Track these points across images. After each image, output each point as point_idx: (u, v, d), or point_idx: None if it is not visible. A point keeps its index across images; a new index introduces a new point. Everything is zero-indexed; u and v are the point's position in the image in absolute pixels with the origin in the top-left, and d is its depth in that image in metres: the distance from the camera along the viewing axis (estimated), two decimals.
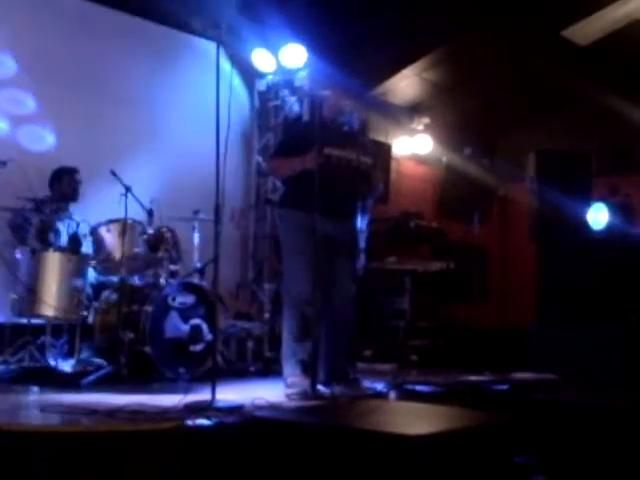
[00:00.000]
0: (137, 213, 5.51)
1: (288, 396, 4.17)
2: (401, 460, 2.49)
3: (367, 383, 4.50)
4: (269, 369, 5.84)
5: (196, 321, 5.26)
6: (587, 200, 7.74)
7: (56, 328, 5.24)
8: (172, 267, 5.55)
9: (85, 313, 5.26)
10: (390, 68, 8.21)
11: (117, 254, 5.27)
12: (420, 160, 9.56)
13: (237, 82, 7.76)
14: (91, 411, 3.25)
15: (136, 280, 5.52)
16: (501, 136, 10.32)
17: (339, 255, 4.55)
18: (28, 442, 2.66)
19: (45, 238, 5.46)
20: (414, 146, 9.29)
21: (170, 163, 6.93)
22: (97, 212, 5.69)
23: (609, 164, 9.03)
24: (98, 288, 5.54)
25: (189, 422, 2.99)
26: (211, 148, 3.75)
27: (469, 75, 8.60)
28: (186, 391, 3.56)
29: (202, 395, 3.56)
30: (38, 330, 5.17)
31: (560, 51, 7.98)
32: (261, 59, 7.59)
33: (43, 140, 6.29)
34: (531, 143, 8.68)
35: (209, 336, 5.25)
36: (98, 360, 5.10)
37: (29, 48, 6.22)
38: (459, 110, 9.32)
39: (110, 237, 5.40)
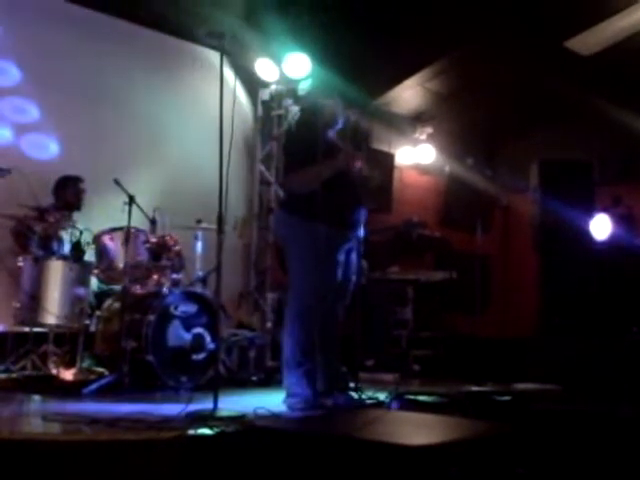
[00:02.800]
0: (140, 222, 5.52)
1: (290, 406, 4.16)
2: (403, 470, 2.49)
3: (369, 393, 4.49)
4: (271, 378, 5.83)
5: (198, 330, 5.26)
6: (590, 210, 7.74)
7: (58, 336, 5.25)
8: (175, 276, 5.56)
9: (87, 322, 5.27)
10: (393, 78, 8.23)
11: (120, 262, 5.28)
12: (423, 170, 9.58)
13: (241, 91, 7.78)
14: (93, 420, 3.25)
15: (138, 289, 5.53)
16: (504, 146, 10.34)
17: (346, 264, 4.54)
18: (30, 451, 2.66)
19: (48, 246, 5.48)
20: (417, 156, 9.30)
21: (173, 172, 6.95)
22: (100, 220, 5.70)
23: (611, 174, 9.04)
24: (101, 296, 5.56)
25: (191, 431, 2.99)
26: (214, 157, 3.76)
27: (472, 85, 8.61)
28: (188, 400, 3.55)
29: (204, 404, 3.56)
30: (40, 338, 5.18)
31: (563, 61, 7.99)
32: (265, 68, 7.61)
33: (47, 148, 6.31)
34: (534, 153, 8.70)
35: (211, 345, 5.25)
36: (100, 369, 5.11)
37: (33, 57, 6.25)
38: (462, 120, 9.33)
39: (113, 245, 5.42)
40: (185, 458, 2.86)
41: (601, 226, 7.87)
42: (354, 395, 4.35)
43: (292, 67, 7.48)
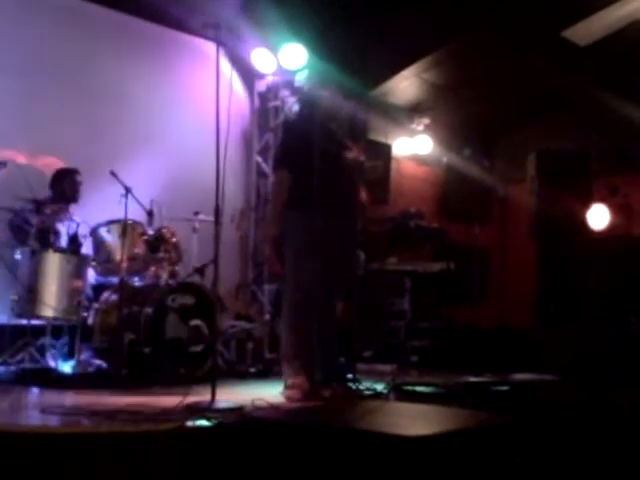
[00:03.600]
0: (137, 214, 5.51)
1: (288, 397, 4.17)
2: (401, 461, 2.49)
3: (367, 384, 4.49)
4: (269, 370, 5.84)
5: (196, 322, 5.26)
6: (587, 200, 7.74)
7: (56, 329, 5.25)
8: (172, 268, 5.56)
9: (85, 314, 5.27)
10: (390, 69, 8.21)
11: (117, 255, 5.28)
12: (420, 161, 9.56)
13: (237, 82, 7.76)
14: (91, 412, 3.25)
15: (136, 281, 5.53)
16: (501, 137, 10.32)
17: (342, 255, 4.54)
18: (28, 443, 2.66)
19: (45, 239, 5.47)
20: (414, 147, 9.28)
21: (170, 164, 6.93)
22: (97, 213, 5.69)
23: (609, 165, 9.03)
24: (98, 289, 5.55)
25: (189, 423, 2.99)
26: (211, 149, 3.76)
27: (469, 76, 8.59)
28: (186, 392, 3.56)
29: (202, 396, 3.56)
30: (38, 331, 5.18)
31: (560, 51, 7.98)
32: (261, 59, 7.59)
33: (43, 141, 6.27)
34: (531, 144, 8.69)
35: (209, 337, 5.25)
36: (98, 361, 5.11)
37: (28, 49, 6.22)
38: (459, 111, 9.32)
39: (110, 238, 5.41)
40: (184, 450, 2.86)
41: (598, 216, 7.87)
42: (352, 386, 4.35)
43: (289, 58, 7.45)
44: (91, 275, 5.54)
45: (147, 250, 5.44)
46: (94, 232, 5.50)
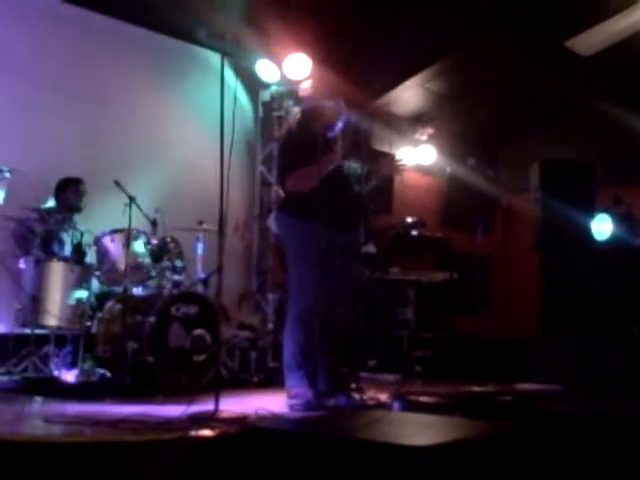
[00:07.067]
0: (141, 223, 5.52)
1: (291, 407, 4.17)
2: (405, 471, 2.49)
3: (371, 393, 4.49)
4: (272, 380, 5.82)
5: (199, 331, 5.25)
6: (591, 210, 7.74)
7: (60, 338, 5.25)
8: (176, 277, 5.56)
9: (89, 323, 5.27)
10: (394, 79, 8.23)
11: (121, 264, 5.28)
12: (424, 170, 9.57)
13: (241, 92, 7.78)
14: (94, 421, 3.25)
15: (140, 290, 5.53)
16: (504, 146, 10.34)
17: (344, 265, 4.54)
18: (31, 452, 2.66)
19: (49, 248, 5.49)
20: (418, 156, 9.30)
21: (174, 173, 6.94)
22: (101, 222, 5.71)
23: (612, 174, 9.03)
24: (102, 298, 5.55)
25: (192, 432, 2.99)
26: (215, 158, 3.76)
27: (472, 85, 8.62)
28: (189, 401, 3.56)
29: (205, 405, 3.56)
30: (42, 340, 5.18)
31: (563, 61, 7.99)
32: (265, 69, 7.62)
33: (47, 150, 6.29)
34: (534, 153, 8.69)
35: (212, 346, 5.24)
36: (101, 370, 5.11)
37: (32, 59, 6.25)
38: (463, 120, 9.34)
39: (114, 247, 5.42)
40: (187, 459, 2.86)
41: (602, 226, 7.86)
42: (355, 396, 4.35)
43: (293, 68, 7.47)
44: (95, 284, 5.54)
45: (151, 259, 5.45)
46: (98, 241, 5.51)
